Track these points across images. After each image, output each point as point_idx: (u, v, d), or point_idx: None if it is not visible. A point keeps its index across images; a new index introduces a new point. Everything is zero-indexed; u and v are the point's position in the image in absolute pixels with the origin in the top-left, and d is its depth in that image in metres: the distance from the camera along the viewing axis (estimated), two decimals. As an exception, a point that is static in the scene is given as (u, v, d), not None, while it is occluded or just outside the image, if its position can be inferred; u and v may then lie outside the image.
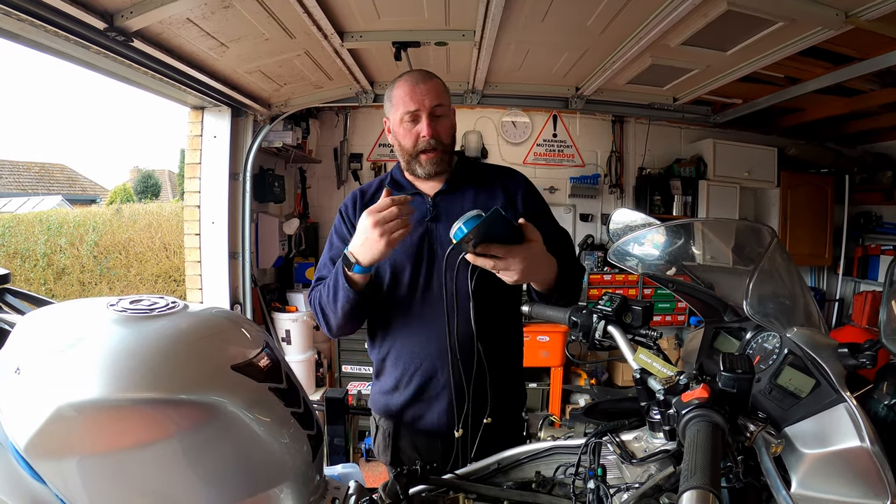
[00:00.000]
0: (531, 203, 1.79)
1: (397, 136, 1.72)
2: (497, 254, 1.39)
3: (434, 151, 1.67)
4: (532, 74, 4.04)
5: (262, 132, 4.05)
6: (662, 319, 5.23)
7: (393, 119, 1.71)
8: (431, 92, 1.65)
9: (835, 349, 1.05)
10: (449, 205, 1.73)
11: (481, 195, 1.75)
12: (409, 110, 1.64)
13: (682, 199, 5.19)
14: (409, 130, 1.67)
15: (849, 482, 0.95)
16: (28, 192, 15.53)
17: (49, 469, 0.88)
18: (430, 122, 1.64)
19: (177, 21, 2.44)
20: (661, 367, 1.06)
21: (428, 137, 1.64)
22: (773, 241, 1.27)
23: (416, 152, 1.68)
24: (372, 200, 1.78)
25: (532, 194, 1.81)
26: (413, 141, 1.67)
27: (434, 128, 1.65)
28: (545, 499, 1.19)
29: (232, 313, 1.16)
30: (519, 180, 1.82)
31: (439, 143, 1.67)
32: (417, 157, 1.68)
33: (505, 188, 1.78)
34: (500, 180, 1.80)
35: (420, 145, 1.66)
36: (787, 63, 3.30)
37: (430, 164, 1.68)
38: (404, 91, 1.66)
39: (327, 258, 1.80)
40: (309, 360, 4.63)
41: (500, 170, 1.88)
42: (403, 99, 1.65)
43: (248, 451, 0.93)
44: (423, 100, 1.63)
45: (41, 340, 0.94)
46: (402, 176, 1.81)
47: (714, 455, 0.77)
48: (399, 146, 1.72)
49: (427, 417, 1.72)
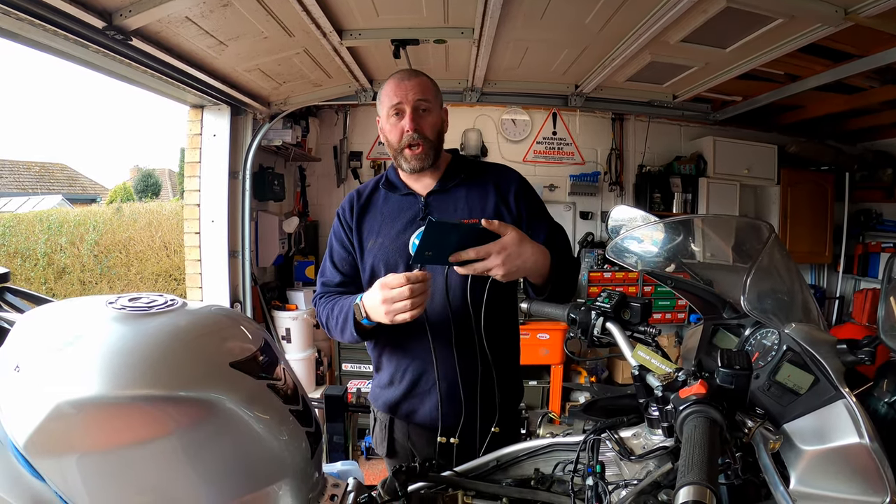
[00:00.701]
0: (524, 200, 1.79)
1: (384, 132, 1.74)
2: (469, 257, 1.41)
3: (418, 146, 1.67)
4: (531, 72, 4.03)
5: (261, 130, 4.04)
6: (662, 317, 5.23)
7: (381, 115, 1.74)
8: (416, 87, 1.67)
9: (833, 345, 1.05)
10: (441, 204, 1.75)
11: (473, 194, 1.76)
12: (393, 104, 1.67)
13: (682, 197, 5.18)
14: (395, 125, 1.69)
15: (848, 479, 0.95)
16: (28, 192, 15.52)
17: (48, 467, 0.88)
18: (413, 116, 1.66)
19: (175, 19, 2.44)
20: (659, 363, 1.06)
21: (410, 131, 1.65)
22: (770, 237, 1.27)
23: (401, 147, 1.69)
24: (368, 202, 1.82)
25: (525, 191, 1.81)
26: (398, 136, 1.68)
27: (417, 122, 1.66)
28: (544, 495, 1.19)
29: (231, 311, 1.16)
30: (511, 178, 1.82)
31: (423, 138, 1.67)
32: (402, 152, 1.69)
33: (497, 186, 1.78)
34: (493, 178, 1.80)
35: (405, 140, 1.67)
36: (787, 60, 3.30)
37: (415, 158, 1.69)
38: (390, 87, 1.69)
39: (329, 263, 1.85)
40: (309, 358, 4.63)
41: (493, 167, 1.88)
42: (389, 94, 1.68)
43: (246, 448, 0.93)
44: (407, 94, 1.66)
45: (40, 338, 0.94)
46: (397, 176, 1.82)
47: (711, 451, 0.77)
48: (387, 142, 1.74)
49: (420, 412, 1.74)
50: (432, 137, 1.70)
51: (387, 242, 1.73)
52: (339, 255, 1.83)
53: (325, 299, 1.81)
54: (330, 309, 1.74)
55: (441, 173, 1.78)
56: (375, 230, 1.76)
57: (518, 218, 1.74)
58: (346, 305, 1.65)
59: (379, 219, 1.78)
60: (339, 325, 1.68)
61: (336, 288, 1.82)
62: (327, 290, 1.84)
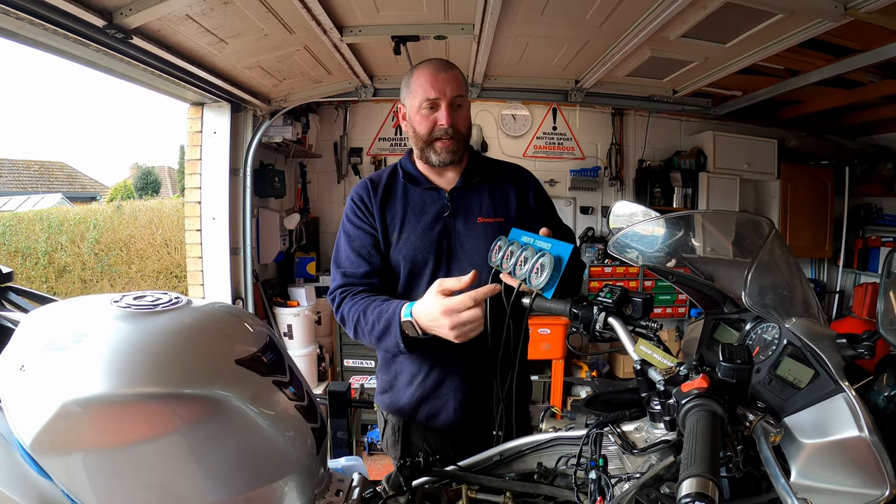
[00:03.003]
0: (540, 202, 1.81)
1: (413, 122, 1.71)
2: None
3: (450, 140, 1.66)
4: (531, 67, 4.02)
5: (261, 127, 4.04)
6: (663, 311, 5.24)
7: (410, 106, 1.70)
8: (453, 82, 1.65)
9: (833, 339, 1.05)
10: (465, 201, 1.74)
11: (496, 193, 1.77)
12: (430, 98, 1.64)
13: (682, 192, 5.19)
14: (427, 117, 1.66)
15: (848, 472, 0.95)
16: (28, 191, 15.50)
17: (55, 465, 0.89)
18: (449, 111, 1.64)
19: (176, 18, 2.43)
20: (661, 357, 1.06)
21: (446, 126, 1.64)
22: (771, 232, 1.27)
23: (431, 139, 1.67)
24: (388, 191, 1.77)
25: (541, 193, 1.83)
26: (429, 128, 1.66)
27: (453, 117, 1.65)
28: (547, 489, 1.20)
29: (235, 308, 1.16)
30: (530, 178, 1.85)
31: (457, 133, 1.67)
32: (432, 144, 1.67)
33: (517, 187, 1.79)
34: (512, 178, 1.82)
35: (436, 133, 1.66)
36: (787, 55, 3.29)
37: (446, 151, 1.67)
38: (425, 79, 1.65)
39: (350, 251, 1.73)
40: (311, 354, 4.64)
41: (511, 167, 1.88)
42: (424, 86, 1.65)
43: (252, 444, 0.94)
44: (445, 88, 1.63)
45: (45, 337, 0.95)
46: (415, 168, 1.79)
47: (713, 443, 0.78)
48: (414, 133, 1.71)
49: (441, 415, 1.71)
50: (464, 132, 1.70)
51: (412, 238, 1.70)
52: (361, 242, 1.72)
53: (351, 298, 1.67)
54: (362, 312, 1.59)
55: (463, 169, 1.78)
56: (398, 223, 1.72)
57: (539, 218, 1.75)
58: (388, 313, 1.51)
59: (401, 212, 1.74)
60: (378, 331, 1.54)
61: (361, 280, 1.70)
62: (351, 282, 1.71)
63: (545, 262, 1.30)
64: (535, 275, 1.32)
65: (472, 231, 1.71)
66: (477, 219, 1.72)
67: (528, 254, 1.38)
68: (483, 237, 1.69)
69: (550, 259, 1.29)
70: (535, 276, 1.32)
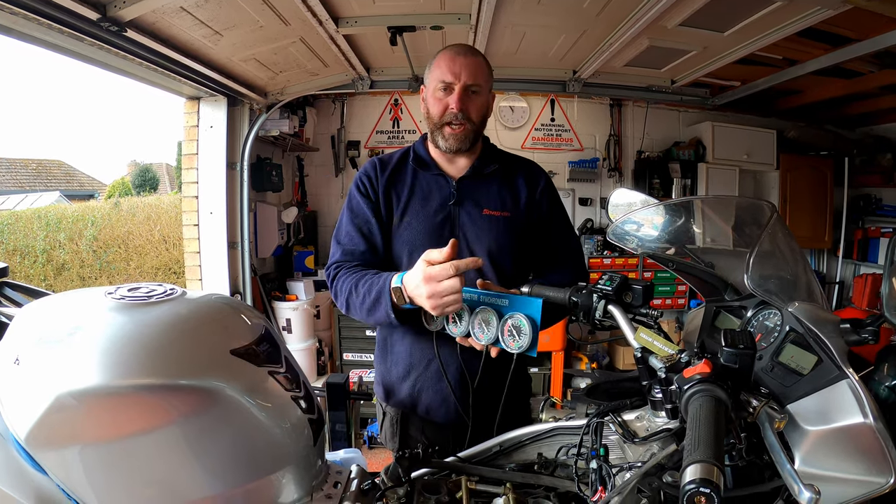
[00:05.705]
0: (550, 202, 1.78)
1: (428, 103, 1.70)
2: None
3: (460, 126, 1.64)
4: (529, 58, 4.01)
5: (258, 121, 4.03)
6: (662, 302, 5.24)
7: (428, 86, 1.69)
8: (471, 67, 1.62)
9: (837, 324, 1.04)
10: (473, 191, 1.72)
11: (505, 187, 1.74)
12: (444, 80, 1.62)
13: (681, 183, 5.17)
14: (440, 100, 1.64)
15: (852, 459, 0.94)
16: (26, 189, 15.48)
17: (50, 459, 0.88)
18: (461, 96, 1.62)
19: (170, 10, 2.42)
20: (662, 345, 1.05)
21: (456, 111, 1.62)
22: (773, 216, 1.26)
23: (441, 123, 1.65)
24: (396, 172, 1.75)
25: (551, 192, 1.80)
26: (441, 111, 1.64)
27: (464, 102, 1.63)
28: (547, 480, 1.19)
29: (231, 299, 1.15)
30: (541, 175, 1.81)
31: (467, 119, 1.64)
32: (441, 129, 1.66)
33: (528, 183, 1.77)
34: (524, 173, 1.79)
35: (447, 117, 1.63)
36: (786, 44, 3.27)
37: (453, 138, 1.65)
38: (444, 61, 1.63)
39: (352, 227, 1.71)
40: (310, 348, 4.64)
41: (524, 162, 1.86)
42: (441, 68, 1.63)
43: (249, 435, 0.93)
44: (461, 73, 1.61)
45: (40, 330, 0.94)
46: (427, 152, 1.77)
47: (717, 429, 0.77)
48: (427, 114, 1.70)
49: (440, 408, 1.69)
50: (476, 120, 1.67)
51: (415, 223, 1.68)
52: (363, 219, 1.70)
53: (345, 272, 1.64)
54: (353, 284, 1.57)
55: (475, 158, 1.75)
56: (402, 206, 1.70)
57: (547, 216, 1.75)
58: (379, 283, 1.48)
59: (406, 195, 1.72)
60: (368, 303, 1.51)
61: (359, 257, 1.68)
62: (347, 260, 1.68)
63: (519, 325, 1.33)
64: (509, 338, 1.35)
65: (477, 223, 1.69)
66: (483, 210, 1.70)
67: (487, 315, 1.38)
68: (487, 230, 1.67)
69: (528, 320, 1.31)
70: (511, 340, 1.35)
